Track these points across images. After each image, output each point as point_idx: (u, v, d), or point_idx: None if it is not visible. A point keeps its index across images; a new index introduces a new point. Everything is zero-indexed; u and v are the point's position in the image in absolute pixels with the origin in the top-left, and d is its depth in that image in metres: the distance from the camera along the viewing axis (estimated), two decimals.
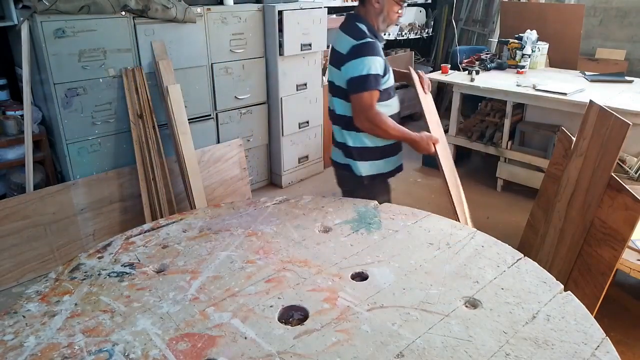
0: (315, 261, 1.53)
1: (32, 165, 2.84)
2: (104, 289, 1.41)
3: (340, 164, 2.23)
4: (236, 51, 3.57)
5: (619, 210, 1.97)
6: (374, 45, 1.98)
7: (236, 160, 3.62)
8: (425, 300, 1.35)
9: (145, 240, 1.67)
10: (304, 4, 3.80)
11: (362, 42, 1.98)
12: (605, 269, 1.98)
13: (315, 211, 1.86)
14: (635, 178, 2.97)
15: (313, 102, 4.14)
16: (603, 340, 1.20)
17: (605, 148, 2.13)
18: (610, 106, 2.38)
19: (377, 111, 2.00)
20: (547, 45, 4.35)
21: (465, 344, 1.19)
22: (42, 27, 2.65)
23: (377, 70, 1.97)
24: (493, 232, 1.77)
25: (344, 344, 1.19)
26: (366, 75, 1.95)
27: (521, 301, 1.34)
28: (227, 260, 1.55)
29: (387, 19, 2.05)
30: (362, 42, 1.98)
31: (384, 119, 2.02)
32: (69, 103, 2.85)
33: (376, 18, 2.05)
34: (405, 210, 1.88)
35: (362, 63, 1.95)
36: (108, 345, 1.19)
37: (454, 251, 1.59)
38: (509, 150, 3.87)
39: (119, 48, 2.96)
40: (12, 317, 1.29)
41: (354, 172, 2.17)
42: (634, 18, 5.46)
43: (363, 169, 2.15)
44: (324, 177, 4.36)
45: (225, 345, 1.19)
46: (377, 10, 2.03)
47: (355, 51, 1.97)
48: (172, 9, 3.08)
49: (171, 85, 3.10)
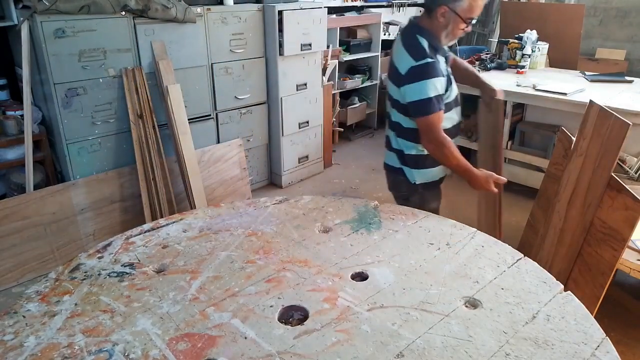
0: (315, 261, 1.53)
1: (32, 165, 2.84)
2: (104, 289, 1.41)
3: (395, 167, 2.20)
4: (236, 51, 3.57)
5: (619, 210, 1.97)
6: (433, 65, 1.91)
7: (236, 160, 3.62)
8: (425, 300, 1.35)
9: (145, 240, 1.67)
10: (304, 4, 3.80)
11: (421, 64, 1.90)
12: (605, 269, 1.98)
13: (315, 211, 1.86)
14: (635, 178, 2.97)
15: (313, 102, 4.14)
16: (603, 340, 1.20)
17: (605, 148, 2.13)
18: (610, 106, 2.38)
19: (443, 137, 1.94)
20: (547, 45, 4.35)
21: (465, 344, 1.19)
22: (42, 27, 2.65)
23: (438, 91, 1.92)
24: None
25: (344, 344, 1.19)
26: (428, 99, 1.90)
27: (521, 301, 1.34)
28: (227, 260, 1.55)
29: (451, 34, 1.95)
30: (422, 63, 1.90)
31: (447, 146, 1.95)
32: (69, 103, 2.85)
33: (440, 32, 1.96)
34: (405, 210, 1.88)
35: (423, 86, 1.90)
36: (108, 345, 1.19)
37: (454, 251, 1.59)
38: (509, 150, 3.87)
39: (119, 48, 2.96)
40: (12, 317, 1.29)
41: (408, 178, 2.15)
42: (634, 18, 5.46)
43: (418, 177, 2.14)
44: (324, 177, 4.36)
45: (225, 345, 1.19)
46: (442, 25, 1.93)
47: (415, 73, 1.91)
48: (172, 9, 3.08)
49: (171, 85, 3.10)
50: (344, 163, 4.64)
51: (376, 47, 5.20)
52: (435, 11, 1.91)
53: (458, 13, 1.88)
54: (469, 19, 1.91)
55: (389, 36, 5.43)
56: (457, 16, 1.89)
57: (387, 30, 5.39)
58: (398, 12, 5.63)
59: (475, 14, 1.92)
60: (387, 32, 5.39)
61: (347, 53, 4.90)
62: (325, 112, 4.34)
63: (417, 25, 1.98)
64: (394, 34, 5.52)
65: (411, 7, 5.80)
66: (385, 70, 5.40)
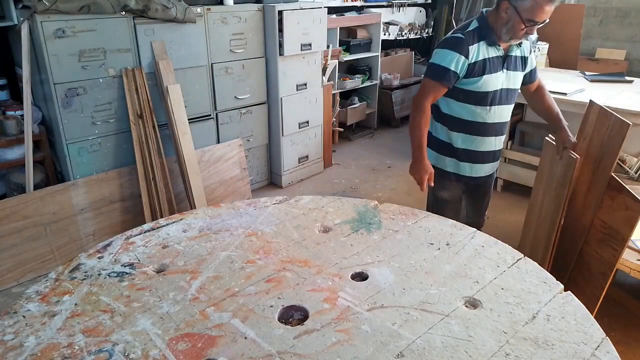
0: (315, 261, 1.53)
1: (32, 165, 2.84)
2: (104, 289, 1.41)
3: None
4: (236, 51, 3.57)
5: (619, 210, 1.97)
6: (457, 40, 2.01)
7: (236, 160, 3.62)
8: (425, 300, 1.35)
9: (145, 240, 1.67)
10: (304, 4, 3.80)
11: (448, 36, 2.08)
12: (605, 269, 1.98)
13: (315, 211, 1.86)
14: (635, 178, 2.97)
15: (313, 102, 4.14)
16: (603, 340, 1.20)
17: (605, 148, 2.13)
18: (610, 106, 2.37)
19: (423, 105, 2.06)
20: (547, 45, 4.35)
21: (465, 344, 1.19)
22: (42, 27, 2.65)
23: (448, 64, 2.00)
24: (493, 232, 1.78)
25: (344, 344, 1.19)
26: (434, 64, 2.04)
27: (521, 301, 1.34)
28: (227, 260, 1.55)
29: (511, 32, 1.98)
30: (449, 35, 2.07)
31: (419, 115, 2.07)
32: (69, 103, 2.85)
33: (501, 27, 2.00)
34: (405, 210, 1.88)
35: (437, 53, 2.04)
36: (108, 345, 1.19)
37: (454, 251, 1.59)
38: (509, 150, 3.87)
39: (119, 48, 2.96)
40: (12, 317, 1.29)
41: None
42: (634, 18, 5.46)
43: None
44: (324, 177, 4.36)
45: (225, 345, 1.19)
46: (503, 20, 1.98)
47: (443, 41, 2.08)
48: (172, 9, 3.08)
49: (171, 85, 3.10)
50: (344, 163, 4.64)
51: (376, 47, 5.20)
52: (499, 5, 1.98)
53: (519, 11, 1.91)
54: (529, 20, 1.92)
55: (389, 36, 5.43)
56: (517, 14, 1.92)
57: (387, 30, 5.38)
58: (398, 12, 5.63)
59: (537, 17, 1.91)
60: (387, 32, 5.39)
61: (347, 53, 4.90)
62: (325, 112, 4.34)
63: (483, 15, 2.07)
64: (394, 34, 5.52)
65: (411, 7, 5.80)
66: (385, 70, 5.41)
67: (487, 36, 2.03)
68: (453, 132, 2.19)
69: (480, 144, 2.19)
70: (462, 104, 2.12)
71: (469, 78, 2.04)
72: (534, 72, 2.23)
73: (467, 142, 2.19)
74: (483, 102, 2.10)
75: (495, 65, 2.05)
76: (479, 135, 2.17)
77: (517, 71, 2.13)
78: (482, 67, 2.03)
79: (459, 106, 2.13)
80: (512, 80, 2.13)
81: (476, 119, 2.13)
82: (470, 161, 2.23)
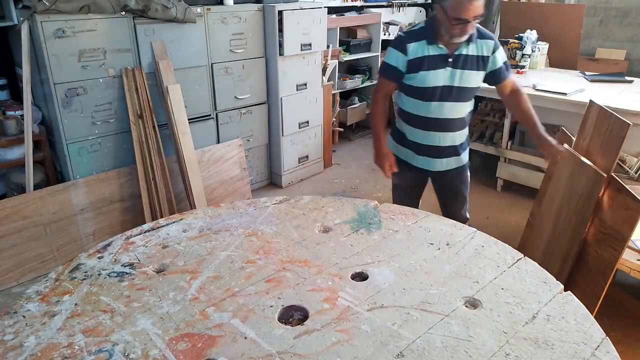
0: (315, 261, 1.53)
1: (32, 165, 2.84)
2: (104, 289, 1.41)
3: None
4: (236, 51, 3.57)
5: (619, 210, 1.97)
6: (398, 39, 2.19)
7: (236, 160, 3.62)
8: (425, 300, 1.35)
9: (145, 240, 1.67)
10: (304, 4, 3.80)
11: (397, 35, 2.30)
12: (605, 269, 1.98)
13: (315, 211, 1.86)
14: (635, 178, 2.97)
15: (313, 102, 4.14)
16: (603, 340, 1.20)
17: (605, 148, 2.13)
18: (610, 106, 2.38)
19: (377, 98, 2.27)
20: (547, 45, 4.35)
21: (465, 344, 1.19)
22: (42, 27, 2.65)
23: (390, 61, 2.15)
24: (493, 232, 1.78)
25: (344, 344, 1.19)
26: (383, 61, 2.21)
27: (521, 301, 1.34)
28: (227, 260, 1.55)
29: (449, 31, 2.02)
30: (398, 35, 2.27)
31: (374, 107, 2.29)
32: (69, 103, 2.85)
33: (439, 27, 2.06)
34: (405, 210, 1.88)
35: (386, 51, 2.21)
36: (108, 345, 1.19)
37: (454, 251, 1.59)
38: (508, 150, 3.87)
39: (119, 48, 2.96)
40: (12, 317, 1.29)
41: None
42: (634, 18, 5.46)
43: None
44: (324, 177, 4.36)
45: (225, 345, 1.19)
46: (439, 21, 2.04)
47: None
48: (172, 9, 3.08)
49: (171, 85, 3.10)
50: (344, 163, 4.64)
51: (376, 47, 5.20)
52: (435, 8, 2.08)
53: (446, 11, 1.98)
54: (456, 18, 1.95)
55: (388, 36, 5.42)
56: (445, 14, 1.98)
57: (387, 30, 5.38)
58: (398, 12, 5.63)
59: (463, 14, 1.94)
60: (387, 32, 5.38)
61: (347, 53, 4.90)
62: (325, 112, 4.33)
63: (431, 17, 2.16)
64: (393, 34, 5.51)
65: (411, 7, 5.79)
66: None
67: (428, 36, 2.10)
68: (404, 124, 2.30)
69: (424, 138, 2.25)
70: (409, 98, 2.22)
71: (409, 74, 2.14)
72: (499, 72, 2.18)
73: (413, 135, 2.28)
74: (424, 97, 2.16)
75: (434, 63, 2.10)
76: (422, 129, 2.24)
77: (470, 70, 2.12)
78: (419, 63, 2.11)
79: (407, 100, 2.23)
80: (461, 79, 2.12)
81: (419, 113, 2.20)
82: (419, 153, 2.29)
